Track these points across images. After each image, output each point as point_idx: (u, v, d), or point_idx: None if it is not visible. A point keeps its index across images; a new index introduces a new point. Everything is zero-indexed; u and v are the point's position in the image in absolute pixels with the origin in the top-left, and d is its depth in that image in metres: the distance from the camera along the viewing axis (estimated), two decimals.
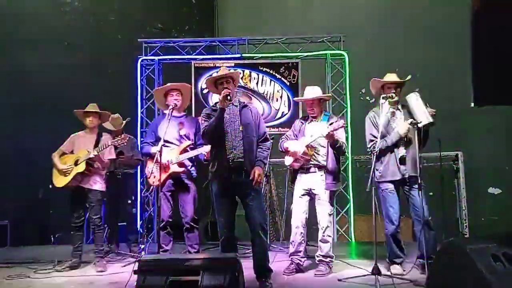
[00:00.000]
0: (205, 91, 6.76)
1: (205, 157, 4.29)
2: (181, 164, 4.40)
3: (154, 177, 4.36)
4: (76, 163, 4.56)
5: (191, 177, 4.55)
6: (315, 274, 4.11)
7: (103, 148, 4.52)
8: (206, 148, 4.14)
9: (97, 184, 4.66)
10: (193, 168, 4.57)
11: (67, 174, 4.58)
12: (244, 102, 3.91)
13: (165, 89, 4.65)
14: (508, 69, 2.34)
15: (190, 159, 4.50)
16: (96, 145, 4.62)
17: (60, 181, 4.62)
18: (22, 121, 6.96)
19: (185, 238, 4.52)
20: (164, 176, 4.29)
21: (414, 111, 3.94)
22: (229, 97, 3.61)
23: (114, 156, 4.84)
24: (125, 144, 4.73)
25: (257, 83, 6.77)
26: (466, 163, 6.53)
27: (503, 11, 2.32)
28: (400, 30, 7.92)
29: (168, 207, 4.46)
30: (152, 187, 5.45)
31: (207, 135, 3.69)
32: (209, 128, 3.63)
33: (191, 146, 4.51)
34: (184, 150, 4.43)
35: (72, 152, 4.71)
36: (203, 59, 6.94)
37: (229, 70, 4.03)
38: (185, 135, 4.52)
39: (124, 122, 5.47)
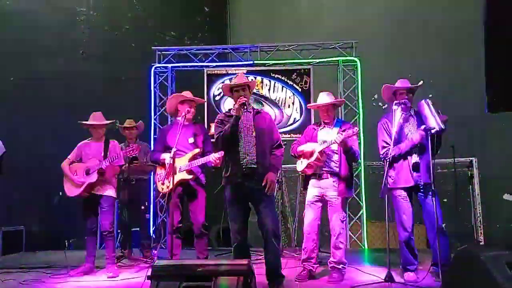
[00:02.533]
0: (217, 97, 6.82)
1: (212, 165, 4.32)
2: (189, 172, 4.42)
3: (163, 184, 4.41)
4: (87, 173, 4.63)
5: (201, 183, 4.56)
6: (328, 281, 4.09)
7: (114, 159, 4.58)
8: (215, 156, 4.17)
9: (108, 190, 4.71)
10: (202, 174, 4.59)
11: (79, 185, 4.65)
12: (258, 109, 3.94)
13: (184, 98, 4.66)
14: None
15: (199, 166, 4.52)
16: (105, 152, 4.69)
17: (72, 191, 4.68)
18: (37, 128, 7.09)
19: (195, 245, 4.54)
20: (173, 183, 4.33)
21: (427, 118, 3.92)
22: (245, 106, 3.65)
23: (123, 163, 4.89)
24: (137, 152, 4.79)
25: (269, 90, 6.80)
26: (480, 170, 6.45)
27: None
28: (413, 36, 7.88)
29: (177, 213, 4.47)
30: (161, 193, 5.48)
31: (221, 141, 3.72)
32: (223, 135, 3.67)
33: (200, 153, 4.53)
34: (193, 158, 4.45)
35: (80, 160, 4.77)
36: (215, 66, 6.99)
37: (247, 76, 4.04)
38: (193, 142, 4.54)
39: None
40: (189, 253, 4.97)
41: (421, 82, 4.18)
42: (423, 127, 3.91)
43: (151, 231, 6.39)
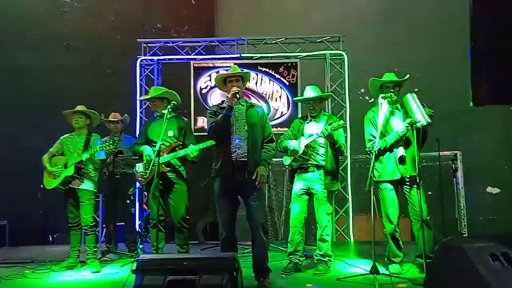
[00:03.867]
0: (204, 91, 6.76)
1: (191, 157, 4.31)
2: (167, 164, 4.37)
3: (142, 176, 4.39)
4: (65, 166, 4.58)
5: (181, 176, 4.51)
6: (314, 274, 4.11)
7: (93, 152, 4.52)
8: (193, 148, 4.18)
9: (86, 183, 4.64)
10: (182, 167, 4.54)
11: (56, 177, 4.61)
12: (251, 102, 3.91)
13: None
14: (507, 69, 2.34)
15: (179, 159, 4.47)
16: (86, 146, 4.63)
17: (49, 183, 4.66)
18: (20, 121, 6.97)
19: (174, 238, 4.49)
20: (150, 175, 4.30)
21: (412, 112, 3.94)
22: (237, 95, 3.62)
23: (104, 157, 4.82)
24: (116, 147, 4.74)
25: (256, 83, 6.76)
26: (464, 163, 6.52)
27: (501, 11, 2.33)
28: (399, 30, 7.92)
29: (156, 206, 4.40)
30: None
31: (213, 131, 3.70)
32: (215, 125, 3.64)
33: (180, 146, 4.49)
34: (172, 150, 4.41)
35: (62, 154, 4.73)
36: (202, 59, 6.92)
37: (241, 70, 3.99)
38: (173, 136, 4.49)
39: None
40: (173, 247, 4.94)
41: (407, 76, 4.20)
42: (408, 120, 3.94)
43: (137, 225, 6.34)
